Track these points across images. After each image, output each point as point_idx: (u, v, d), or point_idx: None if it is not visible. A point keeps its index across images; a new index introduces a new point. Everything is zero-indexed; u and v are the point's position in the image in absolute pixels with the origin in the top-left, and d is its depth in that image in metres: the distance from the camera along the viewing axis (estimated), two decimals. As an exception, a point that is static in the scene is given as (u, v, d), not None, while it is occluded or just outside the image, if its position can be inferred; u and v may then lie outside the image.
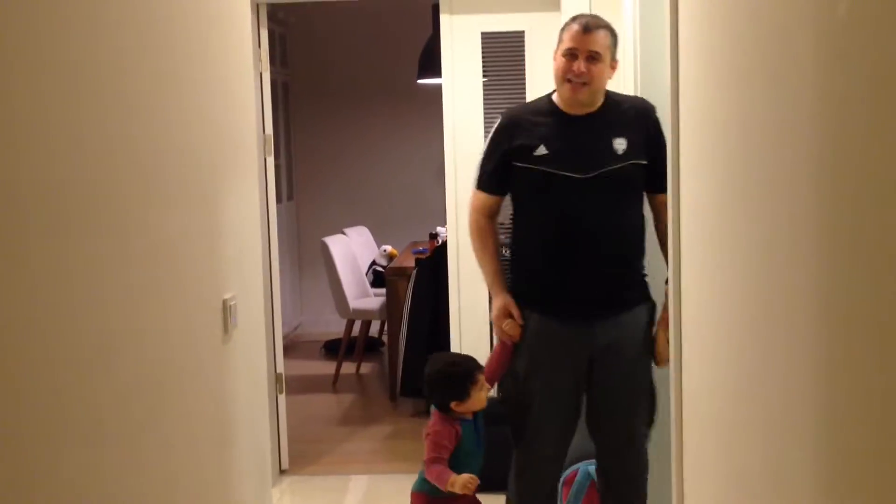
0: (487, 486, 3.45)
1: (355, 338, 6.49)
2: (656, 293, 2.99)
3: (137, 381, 1.67)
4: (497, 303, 3.01)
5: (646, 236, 3.10)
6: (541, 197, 3.00)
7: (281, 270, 4.85)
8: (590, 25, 2.88)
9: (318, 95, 7.89)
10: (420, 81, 6.25)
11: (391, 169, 7.76)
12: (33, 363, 1.27)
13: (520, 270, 3.10)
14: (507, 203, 3.15)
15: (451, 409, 2.88)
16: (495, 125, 3.10)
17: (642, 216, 3.08)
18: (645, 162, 2.97)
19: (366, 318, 6.36)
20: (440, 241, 5.60)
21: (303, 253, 8.05)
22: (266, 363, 3.05)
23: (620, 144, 2.95)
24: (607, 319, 2.98)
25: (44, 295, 1.31)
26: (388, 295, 5.81)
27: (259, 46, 4.32)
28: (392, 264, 6.17)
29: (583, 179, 2.92)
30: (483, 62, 4.36)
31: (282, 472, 4.62)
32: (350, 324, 6.40)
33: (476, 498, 3.02)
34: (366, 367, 6.62)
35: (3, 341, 1.19)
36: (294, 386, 5.75)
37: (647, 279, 3.06)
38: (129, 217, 1.66)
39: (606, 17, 3.49)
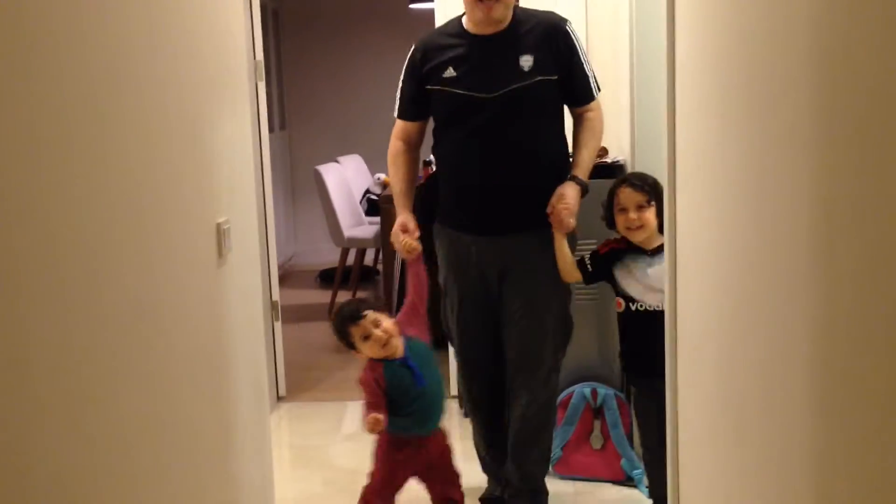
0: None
1: (350, 267, 6.50)
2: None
3: (131, 303, 1.66)
4: (397, 220, 3.10)
5: (567, 157, 3.14)
6: (451, 118, 3.05)
7: (274, 200, 4.83)
8: None
9: (309, 22, 7.77)
10: (412, 6, 6.16)
11: (384, 96, 7.65)
12: (23, 292, 1.26)
13: (441, 190, 3.17)
14: None
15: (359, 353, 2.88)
16: (409, 53, 3.14)
17: (559, 135, 3.11)
18: (555, 77, 2.99)
19: (360, 246, 6.36)
20: (433, 169, 5.57)
21: (296, 183, 8.01)
22: (262, 291, 3.05)
23: (527, 62, 2.97)
24: (517, 235, 3.04)
25: (35, 218, 1.29)
26: (382, 223, 5.80)
27: (247, -30, 4.24)
28: (386, 192, 6.15)
29: (489, 99, 2.96)
30: (476, -16, 4.27)
31: (279, 398, 4.66)
32: (345, 253, 6.40)
33: (448, 445, 3.01)
34: (361, 296, 6.65)
35: (9, 267, 1.18)
36: (290, 315, 5.77)
37: None
38: (119, 138, 1.64)
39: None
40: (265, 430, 2.92)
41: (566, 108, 3.13)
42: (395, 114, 3.22)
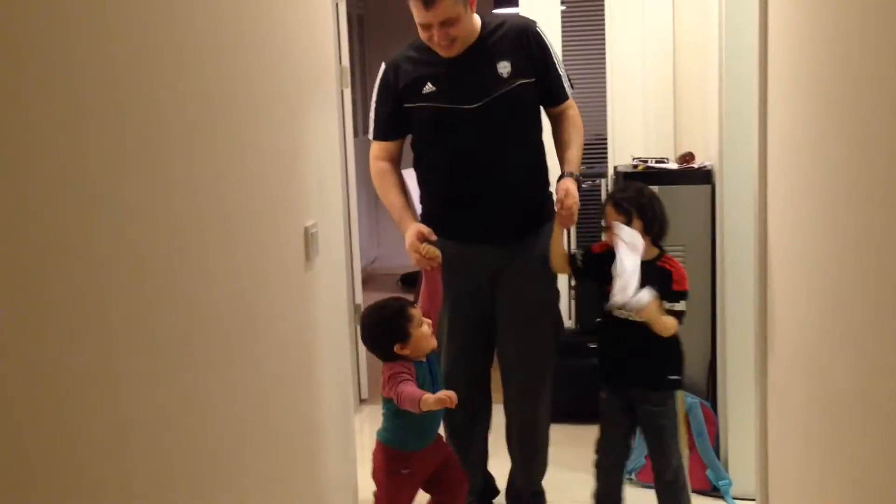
0: (558, 417, 3.45)
1: (432, 271, 6.51)
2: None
3: (225, 306, 1.69)
4: (409, 231, 2.96)
5: (544, 158, 3.11)
6: (433, 133, 3.00)
7: (358, 204, 4.87)
8: (428, 1, 2.77)
9: (393, 28, 7.82)
10: (496, 11, 6.15)
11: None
12: (116, 295, 1.30)
13: (426, 203, 3.12)
14: None
15: (398, 355, 2.69)
16: (379, 73, 3.07)
17: (539, 138, 3.08)
18: (533, 80, 2.96)
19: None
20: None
21: (379, 187, 8.07)
22: (345, 293, 3.08)
23: (504, 68, 2.94)
24: (508, 242, 3.02)
25: (154, 219, 1.33)
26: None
27: (335, -23, 4.29)
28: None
29: (472, 110, 2.92)
30: (561, -11, 4.27)
31: (361, 401, 4.70)
32: (426, 257, 6.41)
33: (450, 451, 2.92)
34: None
35: (115, 267, 1.21)
36: (372, 318, 5.82)
37: (549, 200, 3.07)
38: (212, 142, 1.67)
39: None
40: (350, 432, 2.95)
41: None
42: (372, 136, 3.15)
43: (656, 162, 3.76)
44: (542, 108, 3.09)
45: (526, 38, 3.00)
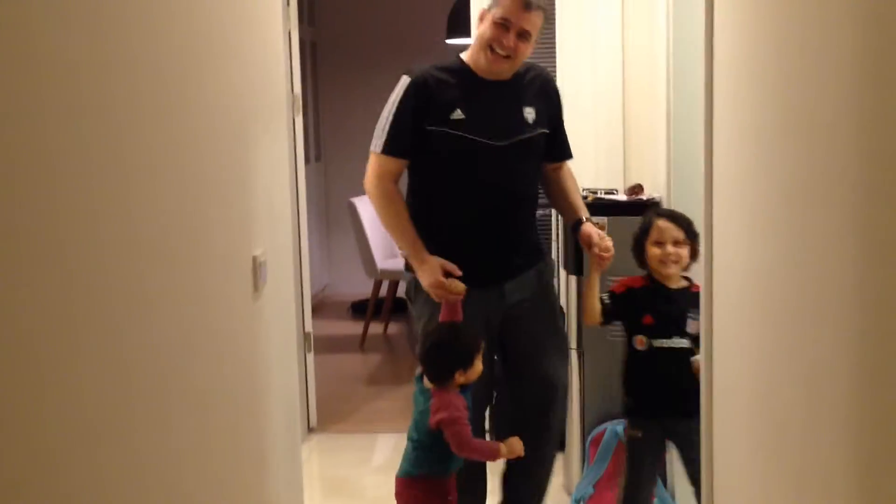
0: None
1: (383, 298, 6.51)
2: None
3: (170, 334, 1.67)
4: (430, 265, 2.86)
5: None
6: (454, 163, 2.91)
7: (309, 231, 4.86)
8: (531, 3, 2.83)
9: (346, 55, 7.85)
10: (449, 41, 6.19)
11: (419, 130, 7.70)
12: (65, 320, 1.28)
13: (431, 236, 2.94)
14: None
15: (453, 380, 2.68)
16: (402, 85, 2.92)
17: (537, 187, 3.14)
18: (548, 132, 3.03)
19: (393, 278, 6.38)
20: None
21: (331, 214, 8.05)
22: (295, 322, 3.05)
23: (530, 114, 2.98)
24: (514, 280, 3.02)
25: (78, 246, 1.31)
26: (415, 256, 5.80)
27: (287, 4, 4.30)
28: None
29: (499, 147, 2.91)
30: (513, 20, 4.29)
31: (310, 429, 4.66)
32: (377, 284, 6.41)
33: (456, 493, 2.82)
34: (393, 328, 6.65)
35: (44, 297, 1.19)
36: (322, 346, 5.79)
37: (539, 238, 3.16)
38: (159, 169, 1.65)
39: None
40: (297, 462, 2.92)
41: None
42: (381, 149, 2.92)
43: (606, 193, 3.81)
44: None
45: (549, 91, 3.05)
